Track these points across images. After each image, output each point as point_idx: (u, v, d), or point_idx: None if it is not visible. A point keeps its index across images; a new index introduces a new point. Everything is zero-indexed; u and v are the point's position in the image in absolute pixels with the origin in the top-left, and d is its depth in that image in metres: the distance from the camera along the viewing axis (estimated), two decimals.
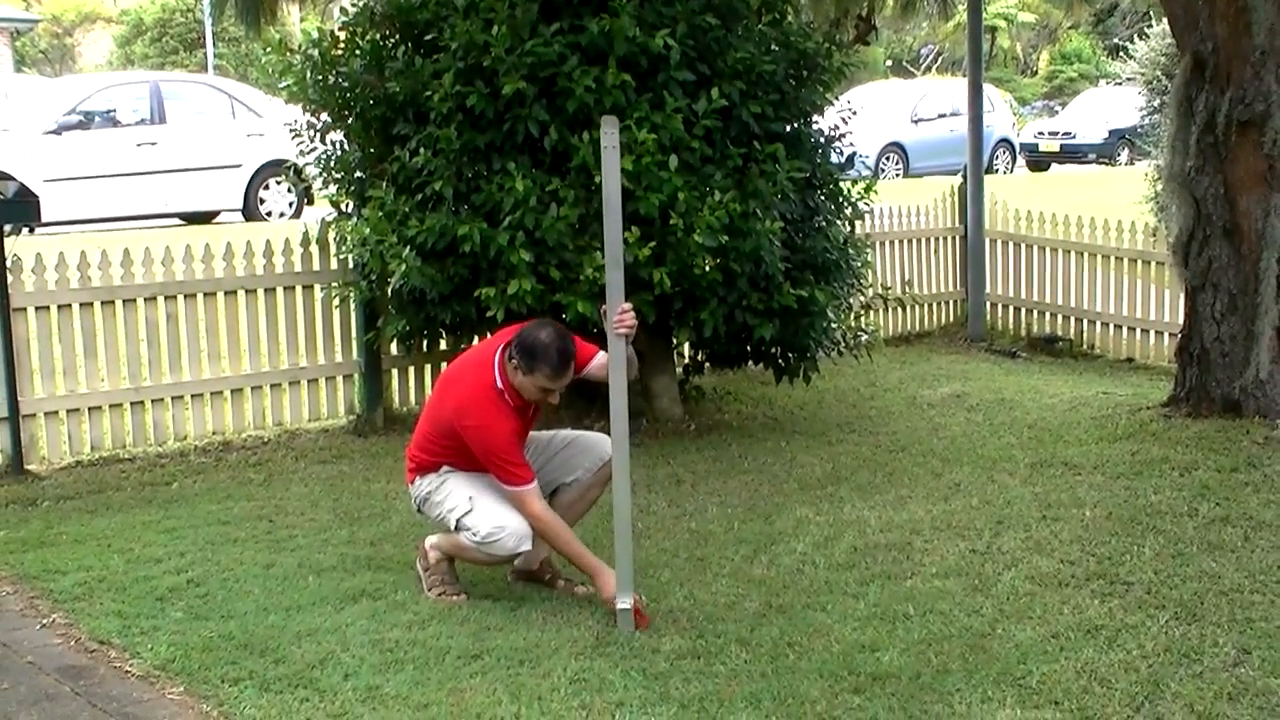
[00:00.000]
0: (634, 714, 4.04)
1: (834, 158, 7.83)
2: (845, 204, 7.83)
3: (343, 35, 7.47)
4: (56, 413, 7.22)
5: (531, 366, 4.79)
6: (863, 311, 8.81)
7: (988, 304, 11.16)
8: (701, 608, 4.89)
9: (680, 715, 4.03)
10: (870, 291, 8.73)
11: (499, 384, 4.86)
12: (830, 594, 5.00)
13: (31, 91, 19.67)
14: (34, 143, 15.53)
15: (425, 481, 5.04)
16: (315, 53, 7.36)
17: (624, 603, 4.66)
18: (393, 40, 7.27)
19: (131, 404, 7.44)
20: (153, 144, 16.12)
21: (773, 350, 7.56)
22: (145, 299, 7.42)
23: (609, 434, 4.79)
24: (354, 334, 7.99)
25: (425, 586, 5.08)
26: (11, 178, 14.27)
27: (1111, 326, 10.40)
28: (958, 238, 11.22)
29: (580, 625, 4.73)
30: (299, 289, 7.89)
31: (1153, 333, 10.07)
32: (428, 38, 6.99)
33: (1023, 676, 4.22)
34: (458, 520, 4.91)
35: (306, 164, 7.78)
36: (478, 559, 4.99)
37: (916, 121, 24.72)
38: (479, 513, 4.87)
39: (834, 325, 7.64)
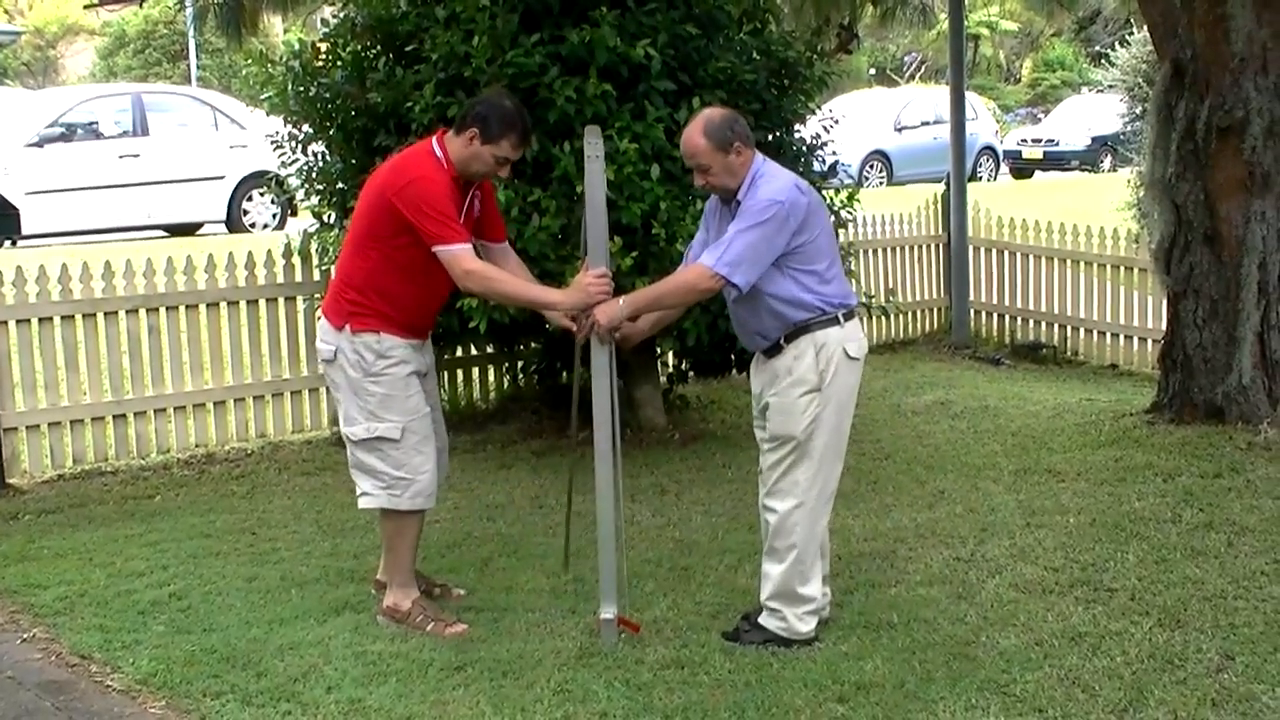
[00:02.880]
0: None
1: (816, 166, 7.83)
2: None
3: (324, 46, 7.45)
4: (38, 426, 7.20)
5: (500, 133, 4.65)
6: None
7: (971, 311, 11.17)
8: (686, 617, 4.88)
9: None
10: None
11: (437, 153, 4.71)
12: None
13: (13, 104, 19.61)
14: (16, 155, 15.47)
15: (362, 344, 4.71)
16: (297, 64, 7.35)
17: (607, 613, 4.65)
18: (374, 51, 7.26)
19: (113, 417, 7.41)
20: (135, 156, 16.08)
21: None
22: (126, 311, 7.40)
23: (592, 444, 4.74)
24: None
25: (422, 632, 4.79)
26: None
27: (1095, 333, 10.43)
28: (941, 245, 11.23)
29: (564, 636, 4.72)
30: (281, 301, 7.88)
31: (1136, 339, 10.10)
32: (409, 49, 6.98)
33: (1007, 684, 4.22)
34: (379, 436, 4.72)
35: (289, 175, 7.76)
36: (397, 534, 4.83)
37: (900, 129, 24.78)
38: (404, 448, 4.73)
39: None
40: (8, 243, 14.54)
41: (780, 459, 4.58)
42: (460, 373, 8.55)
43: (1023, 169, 27.42)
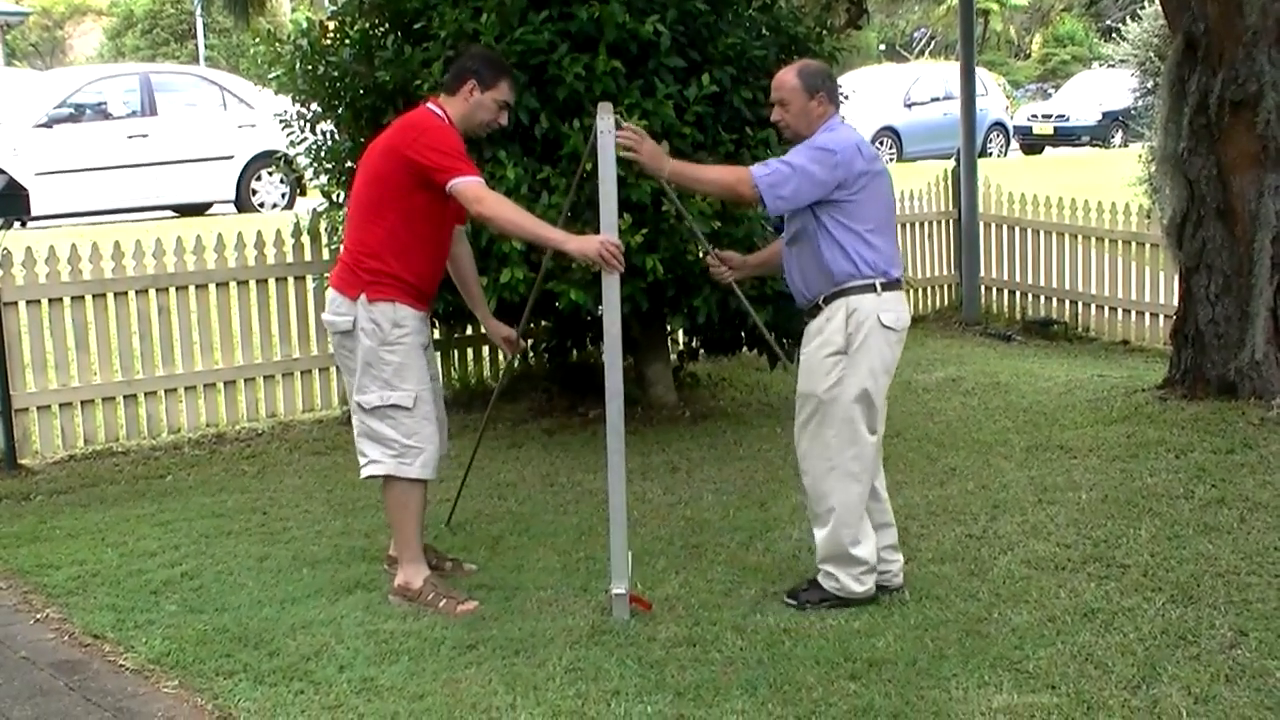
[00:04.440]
0: (630, 702, 4.03)
1: None
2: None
3: (332, 25, 7.44)
4: (49, 407, 7.21)
5: (496, 78, 4.86)
6: None
7: (982, 288, 11.14)
8: (697, 595, 4.88)
9: (676, 703, 4.02)
10: None
11: (438, 112, 4.85)
12: None
13: (22, 85, 19.60)
14: (24, 136, 15.48)
15: (379, 312, 4.75)
16: (304, 43, 7.34)
17: (619, 588, 4.65)
18: (382, 29, 7.23)
19: (124, 397, 7.42)
20: (144, 136, 16.07)
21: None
22: (136, 292, 7.39)
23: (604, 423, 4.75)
24: None
25: (433, 610, 4.79)
26: (1, 171, 14.21)
27: (1106, 309, 10.38)
28: (951, 221, 11.19)
29: (575, 614, 4.72)
30: (291, 280, 7.88)
31: (1148, 315, 10.06)
32: (417, 26, 6.95)
33: (1019, 661, 4.21)
34: (393, 404, 4.77)
35: (297, 154, 7.75)
36: (401, 506, 4.85)
37: (910, 105, 24.68)
38: (416, 417, 4.79)
39: None
40: (17, 224, 14.55)
41: (806, 419, 4.70)
42: (470, 351, 8.54)
43: (1033, 145, 27.32)
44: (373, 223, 4.81)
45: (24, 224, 14.46)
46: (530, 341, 8.31)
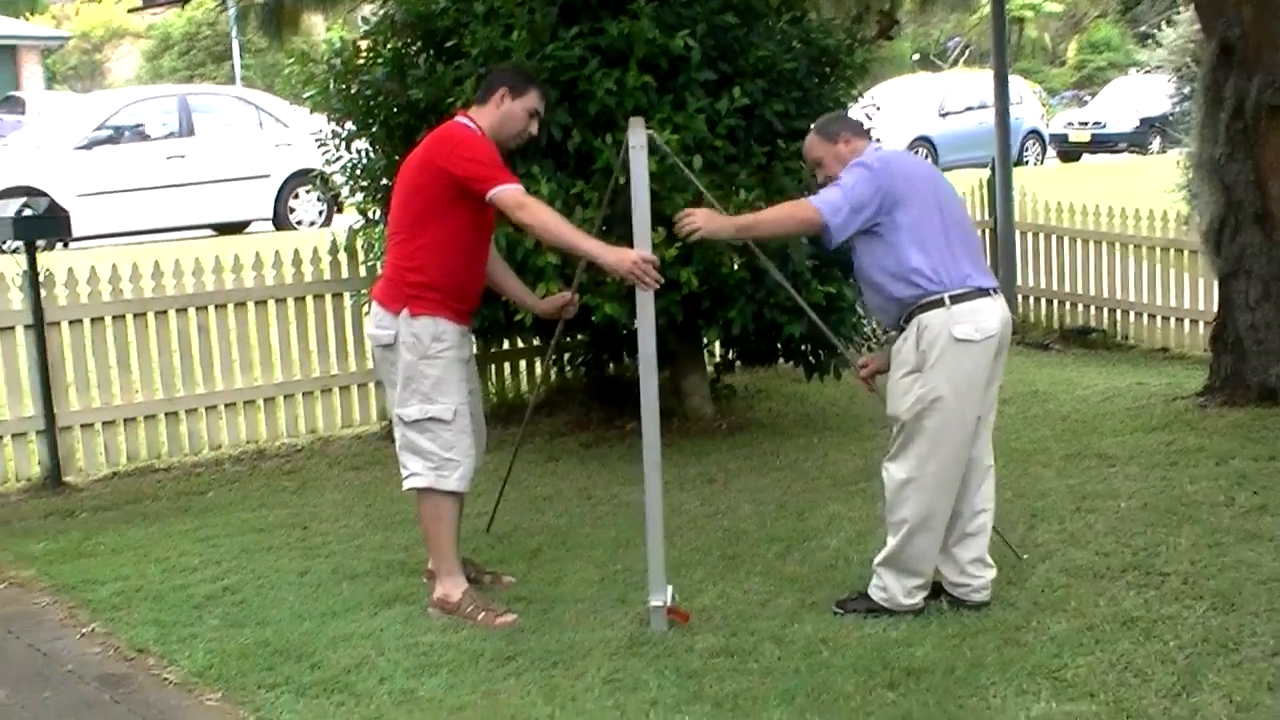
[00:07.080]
0: (668, 713, 4.03)
1: None
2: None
3: (365, 44, 7.50)
4: (92, 425, 7.28)
5: (526, 86, 4.94)
6: None
7: (1019, 296, 11.10)
8: (735, 606, 4.89)
9: (714, 714, 4.03)
10: None
11: (470, 124, 4.90)
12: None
13: (62, 108, 19.85)
14: (65, 158, 15.68)
15: (420, 327, 4.80)
16: (338, 62, 7.41)
17: (656, 600, 4.66)
18: (414, 48, 7.29)
19: (166, 415, 7.50)
20: (182, 157, 16.23)
21: (803, 347, 7.55)
22: (176, 310, 7.48)
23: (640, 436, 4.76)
24: None
25: (472, 622, 4.81)
26: (43, 193, 14.39)
27: (1145, 316, 10.33)
28: (988, 230, 11.17)
29: (614, 625, 4.73)
30: (329, 297, 7.94)
31: (1187, 322, 10.00)
32: (449, 44, 7.01)
33: (1058, 669, 4.19)
34: (431, 417, 4.81)
35: (333, 172, 7.82)
36: (436, 518, 4.89)
37: (944, 115, 24.59)
38: (454, 430, 4.83)
39: (863, 321, 7.61)
40: (59, 245, 14.74)
41: (895, 435, 4.70)
42: (507, 365, 8.58)
43: (1070, 152, 27.17)
44: (414, 237, 4.85)
45: (66, 245, 14.66)
46: (567, 355, 8.35)
